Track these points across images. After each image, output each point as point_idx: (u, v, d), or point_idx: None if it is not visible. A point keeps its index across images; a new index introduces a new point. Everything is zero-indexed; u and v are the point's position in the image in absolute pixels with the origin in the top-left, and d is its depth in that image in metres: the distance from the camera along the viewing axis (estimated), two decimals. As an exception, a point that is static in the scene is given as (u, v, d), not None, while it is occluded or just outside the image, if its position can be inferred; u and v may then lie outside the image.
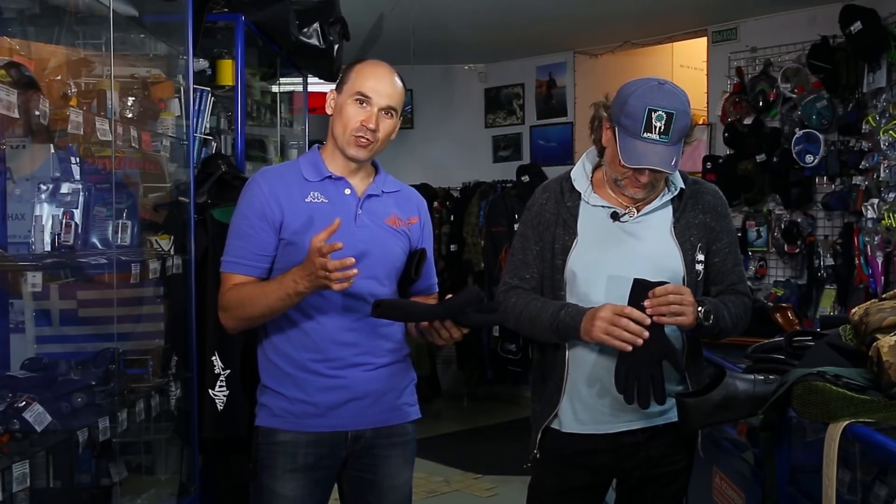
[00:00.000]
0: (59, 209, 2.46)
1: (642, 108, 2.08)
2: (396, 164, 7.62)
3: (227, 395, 2.92)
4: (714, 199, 2.32)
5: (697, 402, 2.10)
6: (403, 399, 2.31)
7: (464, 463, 5.43)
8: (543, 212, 2.31)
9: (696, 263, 2.24)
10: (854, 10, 4.74)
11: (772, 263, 5.60)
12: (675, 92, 2.12)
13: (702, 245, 2.26)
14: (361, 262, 2.16)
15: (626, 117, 2.10)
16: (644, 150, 2.08)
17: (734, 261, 2.33)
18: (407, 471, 2.33)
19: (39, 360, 2.62)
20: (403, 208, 2.32)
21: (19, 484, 2.03)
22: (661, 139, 2.07)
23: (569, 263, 2.24)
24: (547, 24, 6.03)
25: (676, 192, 2.27)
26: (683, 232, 2.25)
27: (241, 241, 2.22)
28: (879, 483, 2.03)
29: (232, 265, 2.23)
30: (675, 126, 2.08)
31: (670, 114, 2.07)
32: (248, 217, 2.21)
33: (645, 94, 2.10)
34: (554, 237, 2.27)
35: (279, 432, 2.21)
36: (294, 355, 2.21)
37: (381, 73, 2.22)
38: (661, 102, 2.08)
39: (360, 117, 2.18)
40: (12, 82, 2.06)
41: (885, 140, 4.42)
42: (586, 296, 2.21)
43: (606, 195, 2.28)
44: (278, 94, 4.42)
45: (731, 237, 2.33)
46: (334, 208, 2.20)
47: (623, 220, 2.25)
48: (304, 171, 2.24)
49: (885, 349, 1.88)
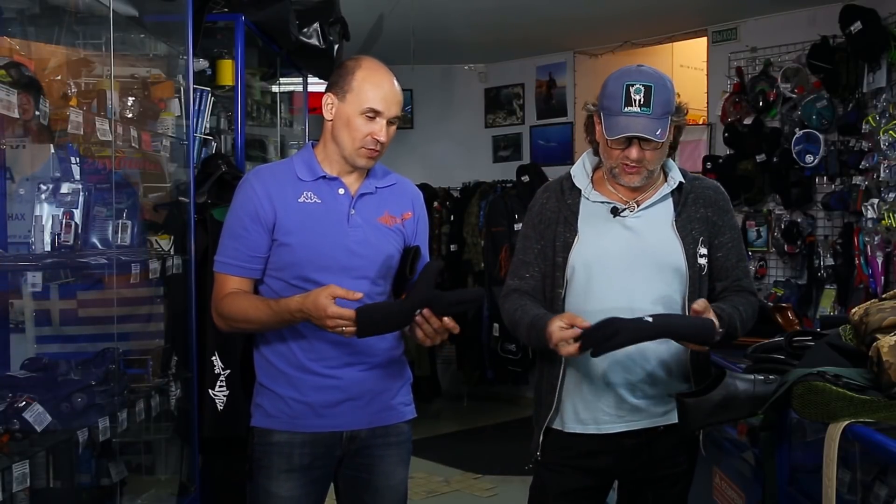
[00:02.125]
0: (59, 209, 2.46)
1: (620, 85, 2.14)
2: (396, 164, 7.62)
3: (227, 395, 2.93)
4: (716, 193, 2.32)
5: (697, 402, 2.10)
6: (399, 398, 2.31)
7: (464, 463, 5.43)
8: (545, 210, 2.32)
9: (699, 258, 2.24)
10: (854, 10, 4.74)
11: (772, 263, 5.60)
12: (652, 71, 2.18)
13: (703, 239, 2.26)
14: (354, 263, 2.17)
15: (606, 99, 2.16)
16: (626, 121, 2.12)
17: (738, 256, 2.32)
18: (402, 470, 2.33)
19: (39, 360, 2.62)
20: (397, 203, 2.31)
21: (19, 484, 2.03)
22: (642, 111, 2.11)
23: (570, 260, 2.24)
24: (547, 24, 6.03)
25: (675, 186, 2.28)
26: (685, 226, 2.25)
27: (234, 242, 2.22)
28: (879, 483, 2.03)
29: (226, 266, 2.23)
30: (656, 99, 2.12)
31: (648, 86, 2.12)
32: (241, 218, 2.21)
33: (622, 75, 2.16)
34: (555, 235, 2.27)
35: (274, 433, 2.21)
36: (289, 354, 2.21)
37: (387, 82, 2.19)
38: (637, 78, 2.14)
39: (370, 130, 2.17)
40: (12, 82, 2.06)
41: (885, 140, 4.42)
42: (587, 292, 2.21)
43: (607, 191, 2.29)
44: (278, 94, 4.42)
45: (734, 232, 2.33)
46: (327, 209, 2.20)
47: (623, 214, 2.25)
48: (298, 171, 2.23)
49: (885, 349, 1.87)
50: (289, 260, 2.17)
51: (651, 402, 2.24)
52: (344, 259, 2.18)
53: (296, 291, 2.15)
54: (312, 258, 2.17)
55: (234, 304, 2.20)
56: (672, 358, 2.24)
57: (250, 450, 2.26)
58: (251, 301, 2.20)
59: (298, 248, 2.17)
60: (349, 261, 2.18)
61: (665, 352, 2.22)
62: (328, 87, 2.25)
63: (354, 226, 2.21)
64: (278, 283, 2.21)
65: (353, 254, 2.18)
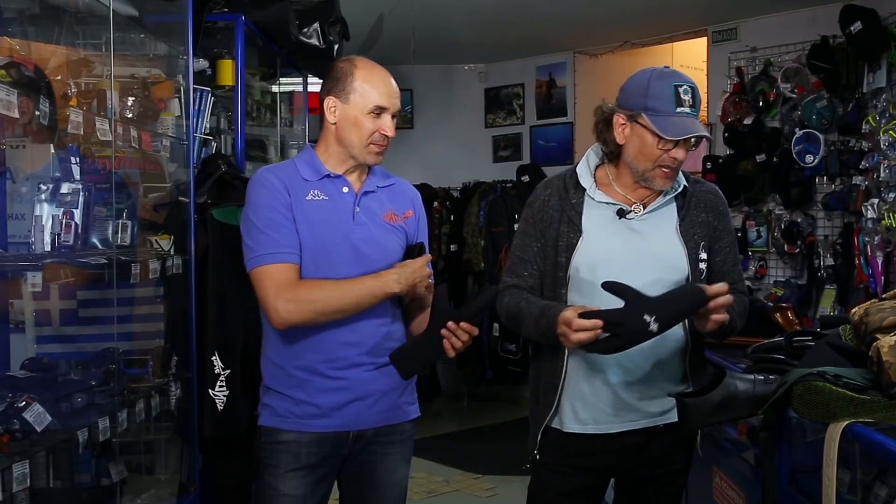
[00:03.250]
0: (59, 209, 2.47)
1: (668, 85, 2.15)
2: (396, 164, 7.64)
3: (227, 395, 2.93)
4: (716, 198, 2.34)
5: (697, 402, 2.10)
6: (404, 398, 2.33)
7: (464, 463, 5.44)
8: (546, 208, 2.29)
9: (700, 262, 2.25)
10: (854, 10, 4.74)
11: (772, 263, 5.60)
12: (681, 72, 2.24)
13: (705, 244, 2.27)
14: (360, 259, 2.19)
15: (653, 99, 2.16)
16: (683, 122, 2.14)
17: (734, 259, 2.35)
18: (404, 468, 2.37)
19: (39, 360, 2.62)
20: (399, 203, 2.33)
21: (19, 484, 2.03)
22: (691, 112, 2.16)
23: (573, 261, 2.23)
24: (547, 24, 6.03)
25: (680, 190, 2.28)
26: (688, 230, 2.26)
27: (276, 234, 2.16)
28: (879, 483, 2.03)
29: (278, 256, 2.15)
30: (697, 99, 2.18)
31: (693, 87, 2.18)
32: (274, 208, 2.17)
33: (664, 76, 2.19)
34: (558, 234, 2.25)
35: (282, 432, 2.23)
36: (298, 356, 2.22)
37: (386, 79, 2.24)
38: (682, 79, 2.18)
39: (377, 126, 2.21)
40: (12, 82, 2.06)
41: (885, 140, 4.42)
42: (591, 293, 2.19)
43: (612, 192, 2.27)
44: (278, 94, 4.41)
45: (731, 236, 2.35)
46: (335, 206, 2.23)
47: (629, 217, 2.25)
48: (302, 171, 2.25)
49: (885, 349, 1.87)
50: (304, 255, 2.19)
51: (649, 401, 2.24)
52: (350, 255, 2.20)
53: None
54: (319, 255, 2.18)
55: (318, 286, 2.15)
56: (669, 358, 2.24)
57: (257, 448, 2.27)
58: (336, 281, 2.16)
59: (307, 244, 2.18)
60: (355, 257, 2.20)
61: (663, 352, 2.23)
62: (327, 90, 2.25)
63: (359, 223, 2.23)
64: None
65: (359, 250, 2.20)
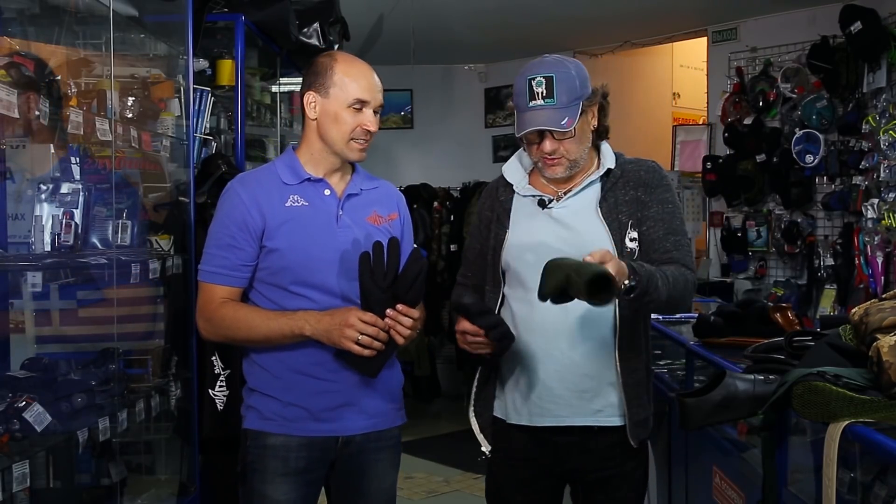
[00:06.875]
0: (59, 209, 2.47)
1: (524, 80, 2.14)
2: (396, 164, 7.66)
3: (226, 395, 2.92)
4: (647, 173, 2.24)
5: (697, 402, 2.10)
6: (392, 403, 2.30)
7: (464, 463, 5.42)
8: (483, 210, 2.35)
9: (629, 241, 2.18)
10: (854, 10, 4.74)
11: (772, 263, 5.60)
12: (557, 60, 2.17)
13: (633, 222, 2.19)
14: (345, 263, 2.16)
15: (515, 97, 2.17)
16: (531, 116, 2.13)
17: (667, 229, 2.20)
18: (393, 473, 2.34)
19: (39, 360, 2.62)
20: (383, 205, 2.31)
21: (19, 484, 2.03)
22: (546, 103, 2.11)
23: (503, 255, 2.25)
24: (547, 24, 6.03)
25: (603, 172, 2.23)
26: (611, 211, 2.20)
27: (223, 252, 2.17)
28: (879, 483, 2.02)
29: (215, 276, 2.18)
30: (559, 88, 2.11)
31: (549, 77, 2.12)
32: (227, 226, 2.17)
33: (525, 70, 2.16)
34: (490, 234, 2.29)
35: (270, 436, 2.19)
36: (287, 358, 2.18)
37: (367, 72, 2.21)
38: (538, 70, 2.14)
39: (359, 121, 2.17)
40: (12, 82, 2.07)
41: (885, 140, 4.42)
42: (522, 287, 2.20)
43: (539, 185, 2.28)
44: (278, 94, 4.41)
45: (662, 206, 2.22)
46: (315, 211, 2.19)
47: (550, 206, 2.23)
48: (282, 175, 2.21)
49: (885, 349, 1.87)
50: (279, 265, 2.15)
51: (581, 397, 2.19)
52: (335, 259, 2.16)
53: (298, 300, 2.14)
54: (303, 261, 2.15)
55: (231, 311, 2.16)
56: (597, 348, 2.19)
57: (243, 452, 2.23)
58: (252, 309, 2.17)
59: (288, 253, 2.14)
60: (340, 261, 2.16)
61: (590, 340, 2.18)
62: (307, 86, 2.23)
63: (344, 226, 2.20)
64: (276, 291, 2.18)
65: (344, 254, 2.16)
